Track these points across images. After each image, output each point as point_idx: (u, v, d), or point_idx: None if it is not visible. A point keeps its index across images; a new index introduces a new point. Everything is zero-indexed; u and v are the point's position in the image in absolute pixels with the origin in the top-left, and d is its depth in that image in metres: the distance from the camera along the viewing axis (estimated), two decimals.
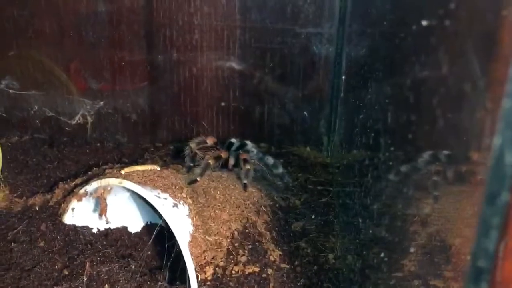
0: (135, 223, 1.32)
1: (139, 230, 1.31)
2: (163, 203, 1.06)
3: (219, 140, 1.41)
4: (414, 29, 0.85)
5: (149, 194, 1.07)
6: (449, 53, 0.52)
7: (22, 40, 1.61)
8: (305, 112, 1.59)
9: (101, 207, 1.17)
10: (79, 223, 1.23)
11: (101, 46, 1.58)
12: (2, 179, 1.39)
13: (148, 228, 1.32)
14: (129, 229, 1.29)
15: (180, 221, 1.05)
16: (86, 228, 1.23)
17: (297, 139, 1.63)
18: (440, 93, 0.61)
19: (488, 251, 0.38)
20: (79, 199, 1.19)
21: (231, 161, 1.29)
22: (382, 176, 1.03)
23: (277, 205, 1.26)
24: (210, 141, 1.32)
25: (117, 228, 1.28)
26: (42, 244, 1.16)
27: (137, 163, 1.50)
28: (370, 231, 1.07)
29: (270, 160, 1.33)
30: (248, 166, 1.23)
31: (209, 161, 1.21)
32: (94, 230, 1.25)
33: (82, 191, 1.18)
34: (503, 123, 0.33)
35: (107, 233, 1.26)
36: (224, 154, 1.28)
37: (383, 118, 1.07)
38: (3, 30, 1.61)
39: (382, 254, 0.98)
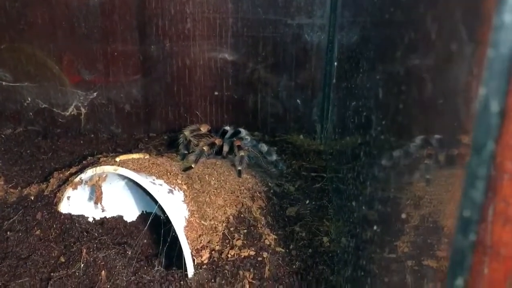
0: (130, 212, 1.32)
1: (134, 219, 1.32)
2: (159, 189, 1.07)
3: (213, 129, 1.42)
4: (402, 13, 0.86)
5: (145, 181, 1.07)
6: (436, 29, 0.53)
7: (14, 32, 1.61)
8: (298, 100, 1.60)
9: (96, 195, 1.18)
10: (74, 212, 1.23)
11: (93, 37, 1.58)
12: None
13: (144, 217, 1.33)
14: (125, 218, 1.30)
15: (176, 207, 1.06)
16: (82, 217, 1.24)
17: (290, 127, 1.64)
18: (428, 76, 0.62)
19: (475, 201, 0.39)
20: (74, 188, 1.19)
21: (225, 148, 1.30)
22: (374, 160, 1.05)
23: (272, 191, 1.27)
24: (204, 128, 1.33)
25: (113, 217, 1.28)
26: (38, 232, 1.16)
27: (131, 153, 1.51)
28: (363, 214, 1.09)
29: (264, 147, 1.34)
30: (242, 153, 1.24)
31: (204, 148, 1.22)
32: (90, 219, 1.25)
33: (77, 179, 1.18)
34: (487, 73, 0.34)
35: (102, 221, 1.26)
36: (218, 141, 1.29)
37: (374, 103, 1.08)
38: None
39: (376, 236, 1.00)
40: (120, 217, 1.30)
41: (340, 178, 1.31)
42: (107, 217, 1.28)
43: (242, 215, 1.14)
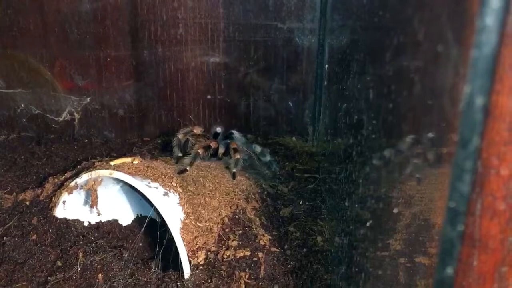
0: (125, 216, 1.33)
1: (130, 223, 1.33)
2: (154, 192, 1.08)
3: (205, 131, 1.43)
4: (390, 16, 0.88)
5: (140, 184, 1.09)
6: (423, 31, 0.55)
7: (6, 38, 1.62)
8: (290, 103, 1.62)
9: (92, 199, 1.19)
10: (70, 216, 1.24)
11: (86, 43, 1.60)
12: None
13: (139, 220, 1.34)
14: (120, 222, 1.31)
15: (171, 209, 1.07)
16: (77, 221, 1.24)
17: (283, 129, 1.66)
18: (416, 76, 0.64)
19: (462, 193, 0.41)
20: (70, 192, 1.20)
21: (221, 150, 1.32)
22: (366, 160, 1.07)
23: (266, 192, 1.28)
24: (197, 130, 1.35)
25: (108, 221, 1.29)
26: (34, 237, 1.17)
27: (125, 157, 1.52)
28: (356, 213, 1.11)
29: (257, 148, 1.36)
30: (238, 155, 1.26)
31: (198, 151, 1.23)
32: (86, 223, 1.26)
33: (72, 183, 1.19)
34: (472, 72, 0.36)
35: (98, 225, 1.27)
36: (213, 144, 1.30)
37: (364, 104, 1.11)
38: None
39: (368, 235, 1.02)
40: (116, 221, 1.31)
41: (333, 179, 1.33)
42: (103, 221, 1.29)
43: (237, 216, 1.15)
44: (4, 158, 1.55)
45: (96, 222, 1.28)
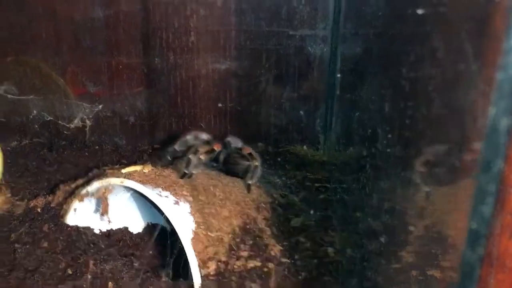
0: (136, 223, 1.33)
1: (140, 231, 1.33)
2: (165, 201, 1.08)
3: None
4: (407, 25, 0.87)
5: (151, 193, 1.08)
6: (443, 44, 0.54)
7: (19, 45, 1.63)
8: (301, 112, 1.61)
9: (102, 207, 1.19)
10: (81, 223, 1.24)
11: (98, 50, 1.60)
12: (4, 182, 1.40)
13: (149, 228, 1.34)
14: (131, 230, 1.31)
15: (182, 218, 1.07)
16: (88, 229, 1.25)
17: (293, 138, 1.65)
18: (435, 87, 0.63)
19: (484, 216, 0.40)
20: (81, 200, 1.20)
21: (221, 157, 1.29)
22: (380, 172, 1.06)
23: (276, 202, 1.28)
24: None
25: (119, 229, 1.29)
26: (45, 244, 1.17)
27: (136, 164, 1.52)
28: (368, 224, 1.10)
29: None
30: (256, 163, 1.23)
31: (190, 156, 1.20)
32: (96, 231, 1.26)
33: (83, 191, 1.19)
34: (497, 94, 0.35)
35: (109, 233, 1.27)
36: (216, 147, 1.27)
37: (380, 116, 1.10)
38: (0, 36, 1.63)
39: (380, 247, 1.01)
40: (126, 229, 1.31)
41: (344, 189, 1.32)
42: (113, 228, 1.29)
43: (247, 226, 1.15)
44: (16, 164, 1.55)
45: (107, 230, 1.28)
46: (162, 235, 1.23)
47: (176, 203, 1.09)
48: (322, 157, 1.59)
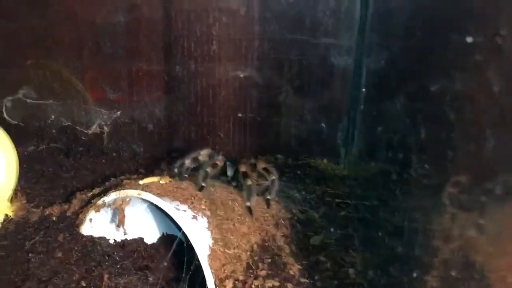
0: (151, 233, 1.31)
1: (155, 241, 1.30)
2: (182, 215, 1.05)
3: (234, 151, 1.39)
4: (441, 40, 0.83)
5: (169, 206, 1.06)
6: (482, 64, 0.51)
7: (40, 49, 1.62)
8: (322, 124, 1.58)
9: (119, 218, 1.17)
10: (96, 233, 1.22)
11: (118, 56, 1.59)
12: (19, 188, 1.39)
13: (164, 239, 1.32)
14: (146, 240, 1.29)
15: (200, 234, 1.04)
16: (103, 239, 1.22)
17: (313, 150, 1.62)
18: (475, 105, 0.60)
19: None
20: (97, 210, 1.18)
21: (229, 173, 1.24)
22: (404, 190, 1.02)
23: (296, 218, 1.24)
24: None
25: (134, 239, 1.27)
26: (59, 255, 1.15)
27: (153, 173, 1.50)
28: (391, 246, 1.06)
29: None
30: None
31: (207, 169, 1.18)
32: (111, 241, 1.24)
33: (100, 202, 1.17)
34: None
35: (124, 244, 1.25)
36: (219, 162, 1.23)
37: (403, 130, 1.06)
38: (21, 40, 1.62)
39: (404, 269, 0.97)
40: (141, 239, 1.28)
41: (366, 206, 1.28)
42: (128, 238, 1.26)
43: (266, 244, 1.11)
44: (33, 169, 1.55)
45: (121, 240, 1.26)
46: (177, 246, 1.20)
47: (194, 217, 1.06)
48: (343, 171, 1.55)
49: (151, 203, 1.18)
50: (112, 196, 1.15)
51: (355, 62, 1.48)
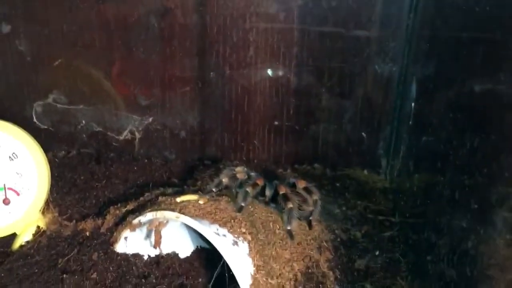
0: (185, 248, 1.27)
1: (189, 255, 1.26)
2: (223, 240, 1.00)
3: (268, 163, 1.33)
4: (487, 46, 0.77)
5: (208, 231, 1.01)
6: None
7: (71, 53, 1.58)
8: (363, 133, 1.51)
9: (155, 239, 1.12)
10: (130, 251, 1.18)
11: (151, 62, 1.54)
12: (51, 199, 1.35)
13: (198, 252, 1.28)
14: (180, 255, 1.25)
15: (241, 261, 0.99)
16: (137, 257, 1.19)
17: (353, 161, 1.55)
18: None
19: None
20: (133, 229, 1.14)
21: (268, 193, 1.18)
22: (457, 207, 0.95)
23: (338, 239, 1.19)
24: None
25: (168, 255, 1.23)
26: (94, 275, 1.11)
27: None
28: (444, 273, 0.99)
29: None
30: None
31: (247, 189, 1.12)
32: (145, 258, 1.20)
33: (136, 221, 1.13)
34: None
35: (158, 260, 1.21)
36: (259, 181, 1.18)
37: (451, 142, 0.99)
38: (52, 43, 1.58)
39: None
40: (175, 255, 1.24)
41: (414, 226, 1.21)
42: (163, 254, 1.22)
43: (309, 270, 1.06)
44: (64, 177, 1.52)
45: (155, 255, 1.22)
46: (211, 260, 1.17)
47: (235, 243, 1.01)
48: (385, 184, 1.48)
49: None
50: (148, 216, 1.11)
51: (400, 70, 1.41)
